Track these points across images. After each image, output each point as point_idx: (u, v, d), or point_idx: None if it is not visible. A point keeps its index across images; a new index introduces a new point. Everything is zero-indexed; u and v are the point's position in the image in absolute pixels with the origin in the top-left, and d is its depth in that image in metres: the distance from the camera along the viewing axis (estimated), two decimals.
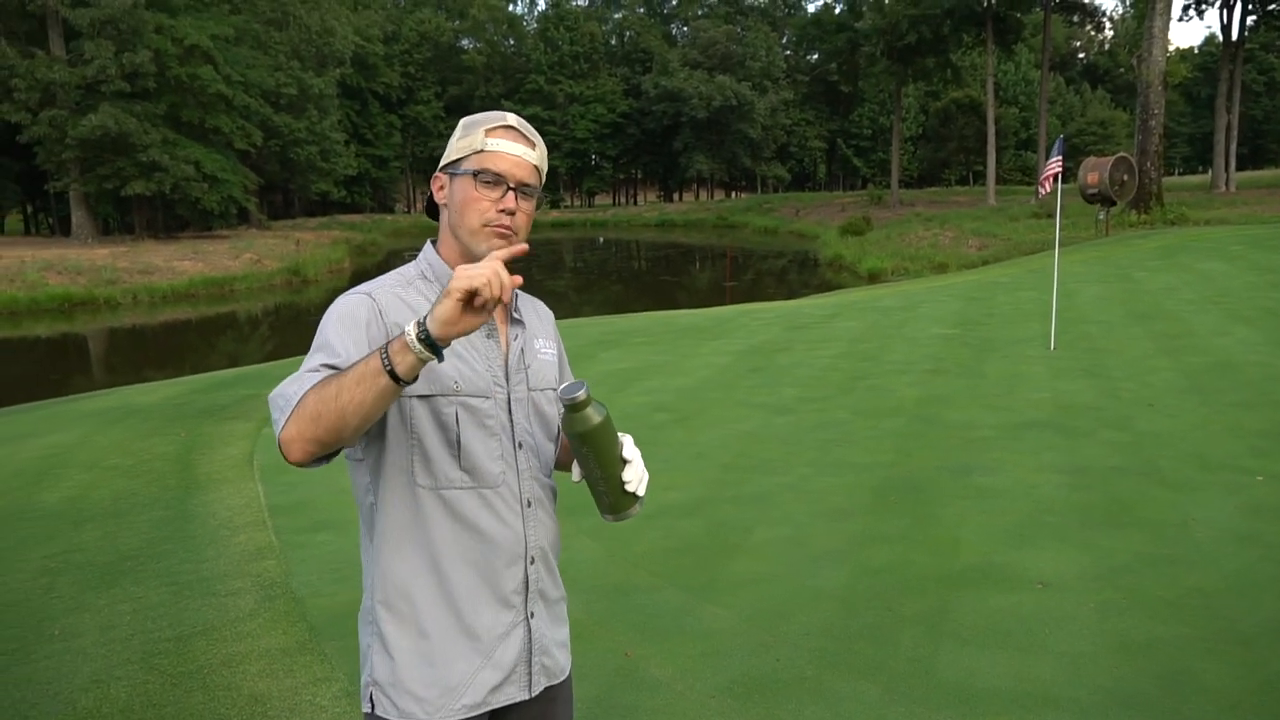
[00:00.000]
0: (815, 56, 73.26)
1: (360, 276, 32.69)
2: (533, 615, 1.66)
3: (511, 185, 1.57)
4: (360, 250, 43.80)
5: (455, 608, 1.57)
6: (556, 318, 1.91)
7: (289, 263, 32.06)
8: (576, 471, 1.63)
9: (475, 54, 79.08)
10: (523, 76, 77.91)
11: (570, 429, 1.54)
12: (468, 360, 1.58)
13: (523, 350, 1.68)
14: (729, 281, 26.47)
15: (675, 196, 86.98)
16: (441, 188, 1.64)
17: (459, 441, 1.55)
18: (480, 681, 1.58)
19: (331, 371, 1.41)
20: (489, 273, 1.32)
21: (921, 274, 23.88)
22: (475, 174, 1.56)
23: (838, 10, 56.18)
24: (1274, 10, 44.45)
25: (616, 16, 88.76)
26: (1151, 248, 19.22)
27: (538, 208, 1.67)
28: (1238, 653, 3.41)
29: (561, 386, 1.55)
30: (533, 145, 1.61)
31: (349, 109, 65.36)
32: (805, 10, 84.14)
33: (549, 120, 75.19)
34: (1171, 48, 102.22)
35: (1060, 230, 18.17)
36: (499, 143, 1.57)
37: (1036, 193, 9.34)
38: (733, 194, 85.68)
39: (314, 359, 1.47)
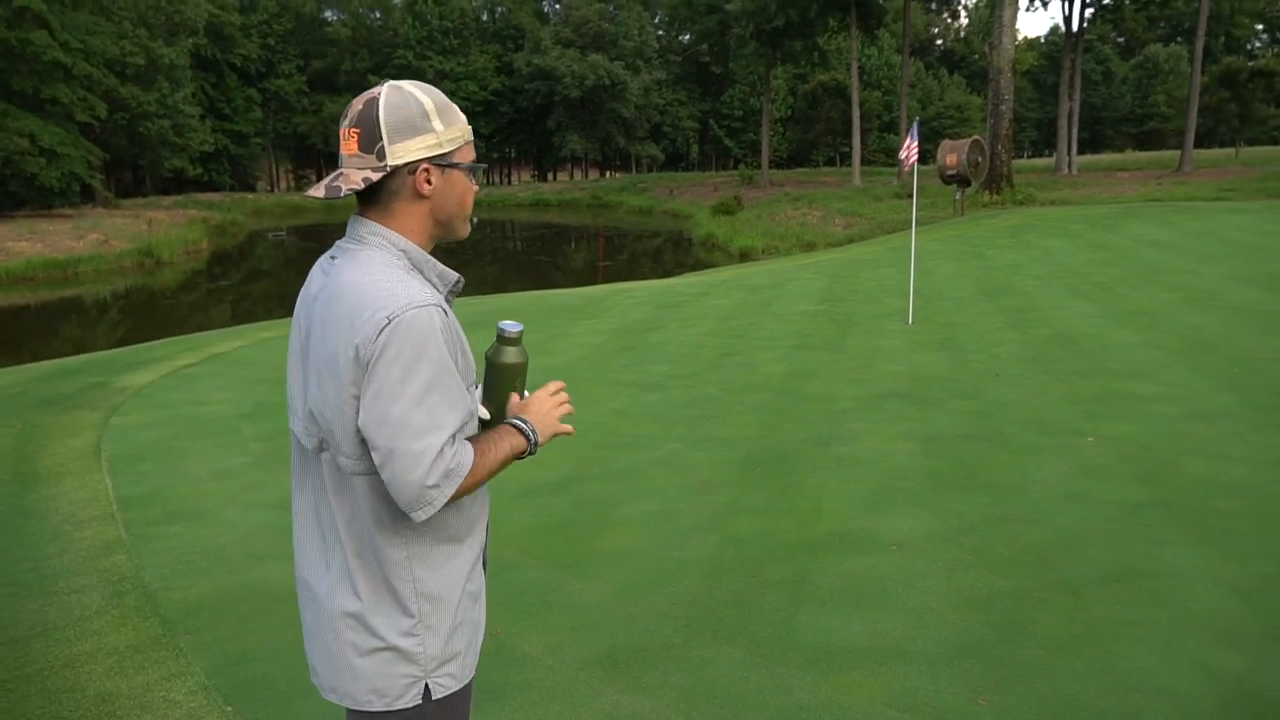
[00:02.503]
0: (687, 37, 73.89)
1: (221, 259, 31.35)
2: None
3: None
4: (219, 230, 41.76)
5: (468, 579, 1.68)
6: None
7: (140, 244, 30.28)
8: (480, 409, 1.70)
9: (340, 27, 76.29)
10: (390, 51, 75.60)
11: (499, 360, 1.67)
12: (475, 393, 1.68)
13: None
14: (603, 261, 26.54)
15: (550, 176, 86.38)
16: (429, 180, 1.59)
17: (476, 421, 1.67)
18: (481, 631, 1.74)
19: (459, 429, 1.55)
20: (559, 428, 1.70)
21: (791, 252, 24.52)
22: (469, 168, 1.62)
23: None
24: (1108, 4, 47.37)
25: None
26: (1002, 226, 20.30)
27: None
28: (1066, 601, 3.68)
29: (502, 322, 1.66)
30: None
31: (204, 82, 62.08)
32: None
33: None
34: (1020, 37, 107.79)
35: (918, 210, 18.85)
36: (470, 133, 1.63)
37: (899, 172, 9.67)
38: (607, 174, 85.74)
39: (435, 422, 1.50)
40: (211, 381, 8.45)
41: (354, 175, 1.55)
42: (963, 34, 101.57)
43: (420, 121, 1.56)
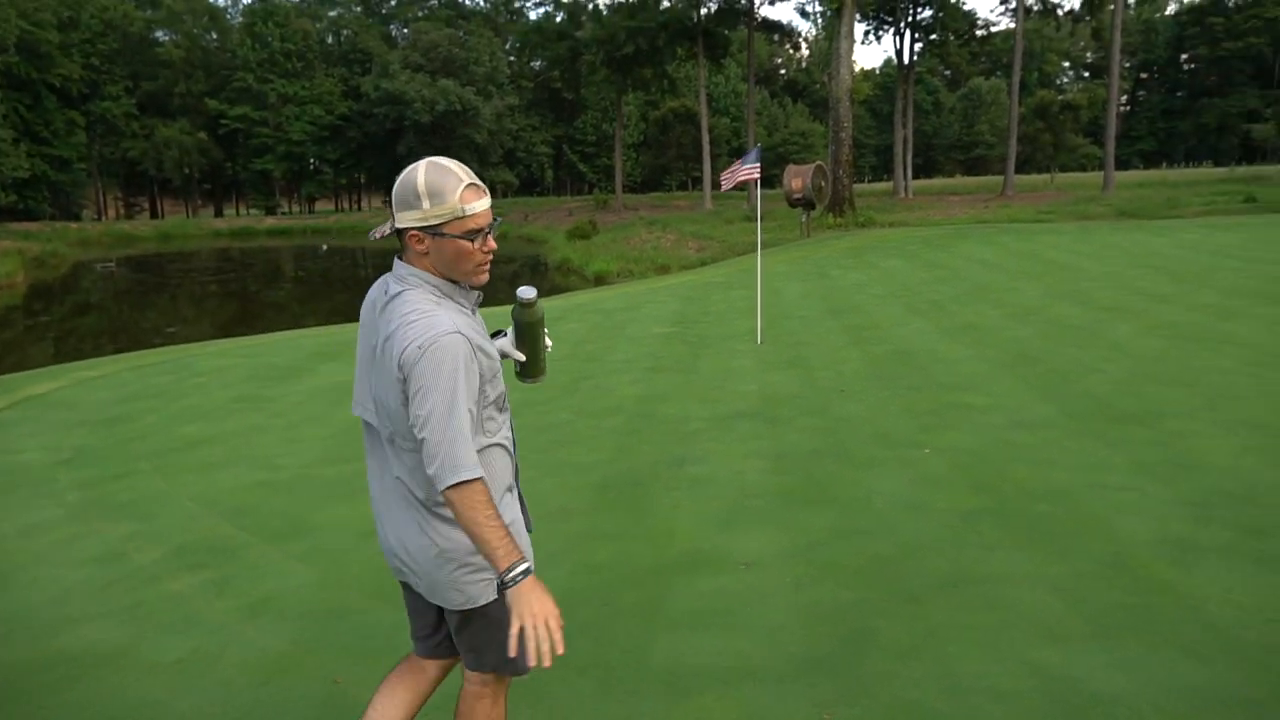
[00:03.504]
0: (539, 63, 74.17)
1: (40, 292, 29.02)
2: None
3: (487, 231, 2.06)
4: (39, 263, 38.84)
5: (509, 512, 2.21)
6: (274, 330, 2.28)
7: None
8: (517, 349, 2.33)
9: (172, 48, 72.66)
10: (229, 74, 72.55)
11: (525, 320, 2.27)
12: (484, 344, 2.09)
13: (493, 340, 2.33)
14: None
15: None
16: (421, 242, 2.05)
17: (499, 409, 2.17)
18: (527, 547, 2.26)
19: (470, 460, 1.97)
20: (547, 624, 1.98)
21: (646, 275, 24.81)
22: (460, 236, 2.02)
23: (559, 19, 57.21)
24: (935, 40, 50.52)
25: (332, 14, 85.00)
26: (845, 248, 21.17)
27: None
28: (909, 609, 3.80)
29: (520, 290, 2.19)
30: (486, 193, 2.08)
31: (17, 103, 57.80)
32: (527, 17, 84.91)
33: (260, 121, 70.66)
34: (858, 68, 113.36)
35: (766, 234, 19.34)
36: (473, 205, 2.02)
37: (719, 185, 9.92)
38: None
39: (453, 421, 1.95)
40: (23, 427, 7.78)
41: (385, 227, 2.10)
42: (804, 64, 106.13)
43: (412, 199, 2.01)
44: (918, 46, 51.26)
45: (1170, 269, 15.09)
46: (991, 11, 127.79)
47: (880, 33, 51.67)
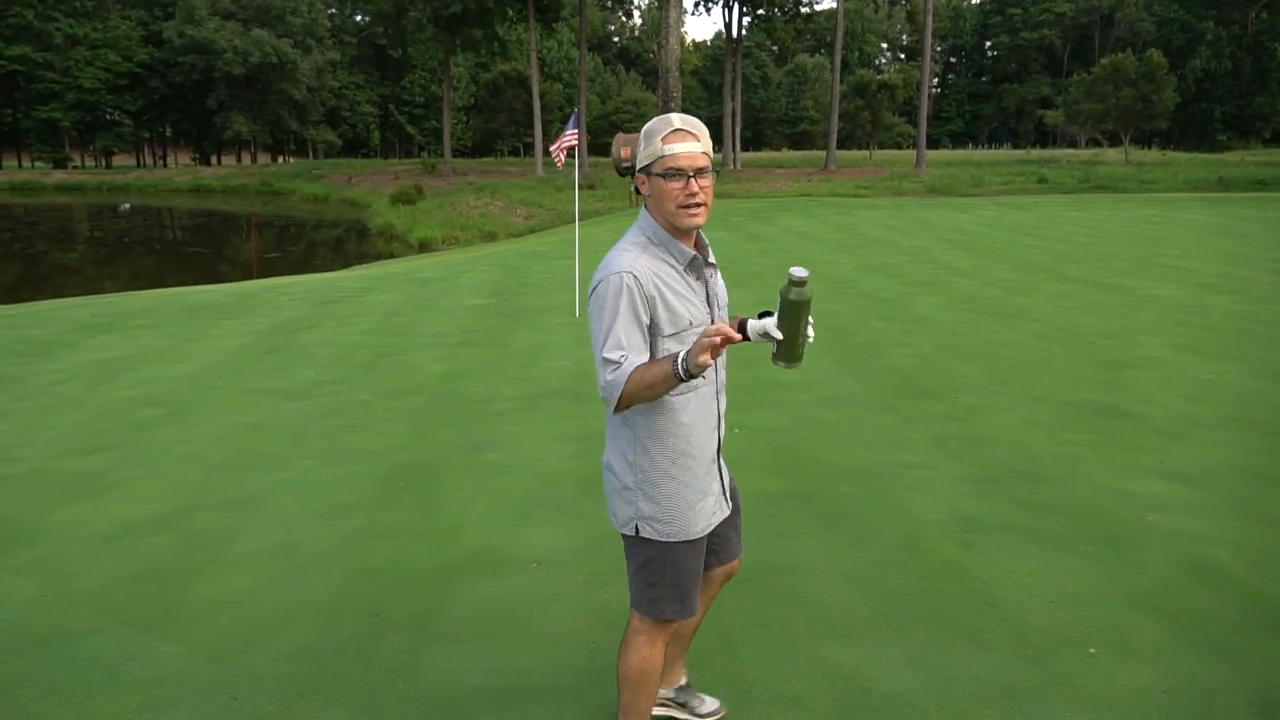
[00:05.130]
0: (362, 18, 70.66)
1: None
2: (722, 460, 2.44)
3: (690, 173, 2.14)
4: None
5: (692, 466, 2.31)
6: (70, 294, 1.99)
7: None
8: (756, 335, 2.23)
9: None
10: (4, 8, 65.12)
11: (791, 299, 2.12)
12: (693, 301, 2.25)
13: (713, 286, 2.35)
14: (256, 250, 24.46)
15: (214, 160, 79.03)
16: (644, 182, 2.22)
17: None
18: (707, 509, 2.37)
19: (623, 356, 2.12)
20: (715, 349, 1.97)
21: (472, 243, 24.05)
22: (661, 174, 2.15)
23: None
24: (762, 15, 51.46)
25: None
26: None
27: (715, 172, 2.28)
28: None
29: (793, 269, 2.09)
30: (698, 139, 2.17)
31: None
32: None
33: (44, 64, 64.04)
34: (689, 39, 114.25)
35: (592, 202, 18.98)
36: (673, 146, 2.14)
37: (544, 164, 9.53)
38: (280, 159, 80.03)
39: (611, 348, 2.13)
40: None
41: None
42: (637, 33, 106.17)
43: (641, 144, 2.22)
44: (746, 21, 52.08)
45: (971, 244, 15.88)
46: None
47: (710, 4, 52.16)
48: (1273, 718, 2.87)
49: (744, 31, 52.57)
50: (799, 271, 2.16)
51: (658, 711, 2.85)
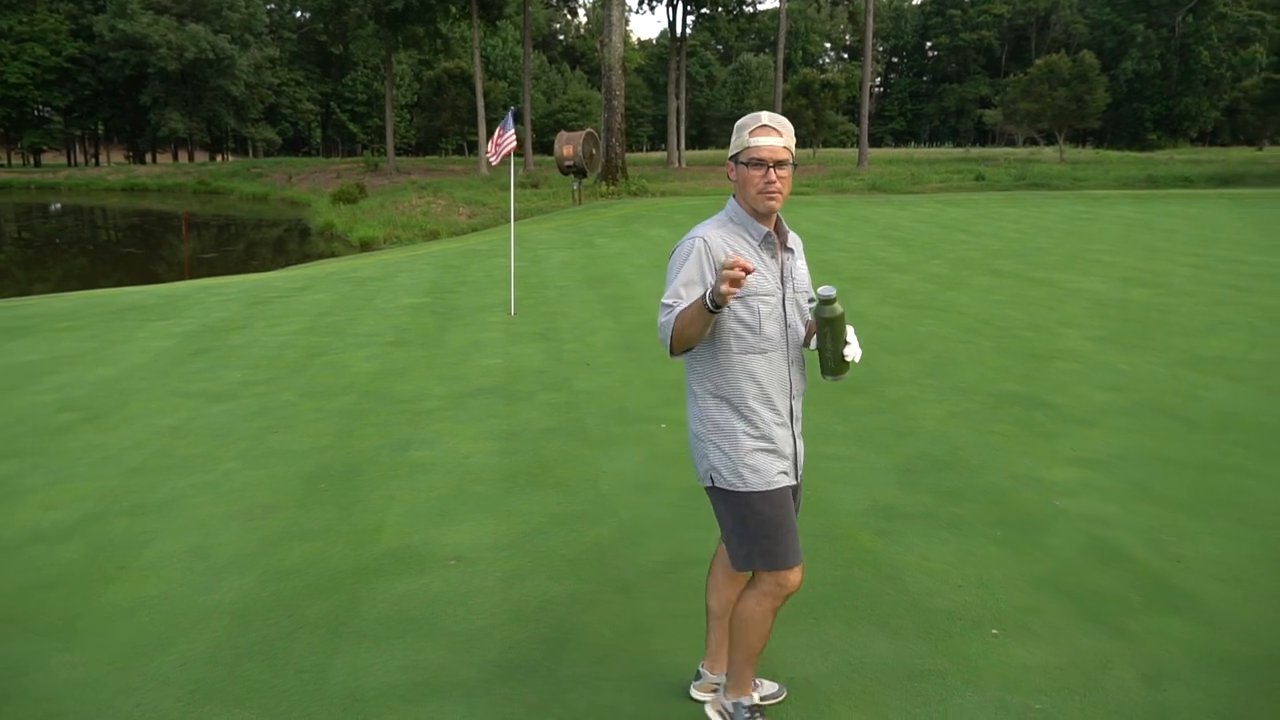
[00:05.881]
0: (302, 13, 69.48)
1: None
2: (796, 430, 2.58)
3: (770, 164, 2.38)
4: None
5: (757, 422, 2.48)
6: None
7: None
8: (812, 343, 2.54)
9: None
10: None
11: (819, 315, 2.41)
12: (764, 275, 2.46)
13: (790, 268, 2.54)
14: (186, 250, 23.90)
15: (149, 158, 77.05)
16: (732, 169, 2.47)
17: (760, 322, 2.45)
18: (774, 468, 2.50)
19: (676, 302, 2.36)
20: (735, 280, 2.12)
21: (414, 242, 23.80)
22: (745, 163, 2.41)
23: None
24: (706, 14, 51.72)
25: None
26: (614, 216, 21.19)
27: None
28: (618, 601, 3.62)
29: (820, 289, 2.36)
30: (780, 134, 2.39)
31: None
32: None
33: None
34: (634, 37, 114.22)
35: (536, 200, 18.82)
36: (758, 140, 2.38)
37: (488, 162, 9.51)
38: (219, 158, 78.36)
39: (669, 296, 2.39)
40: None
41: None
42: (582, 31, 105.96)
43: (733, 136, 2.48)
44: (690, 20, 52.31)
45: (908, 241, 16.14)
46: None
47: (654, 3, 52.25)
48: (1157, 686, 2.98)
49: (688, 30, 52.78)
50: (827, 291, 2.37)
51: (702, 697, 2.92)
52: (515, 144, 9.86)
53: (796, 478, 2.58)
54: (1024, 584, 3.71)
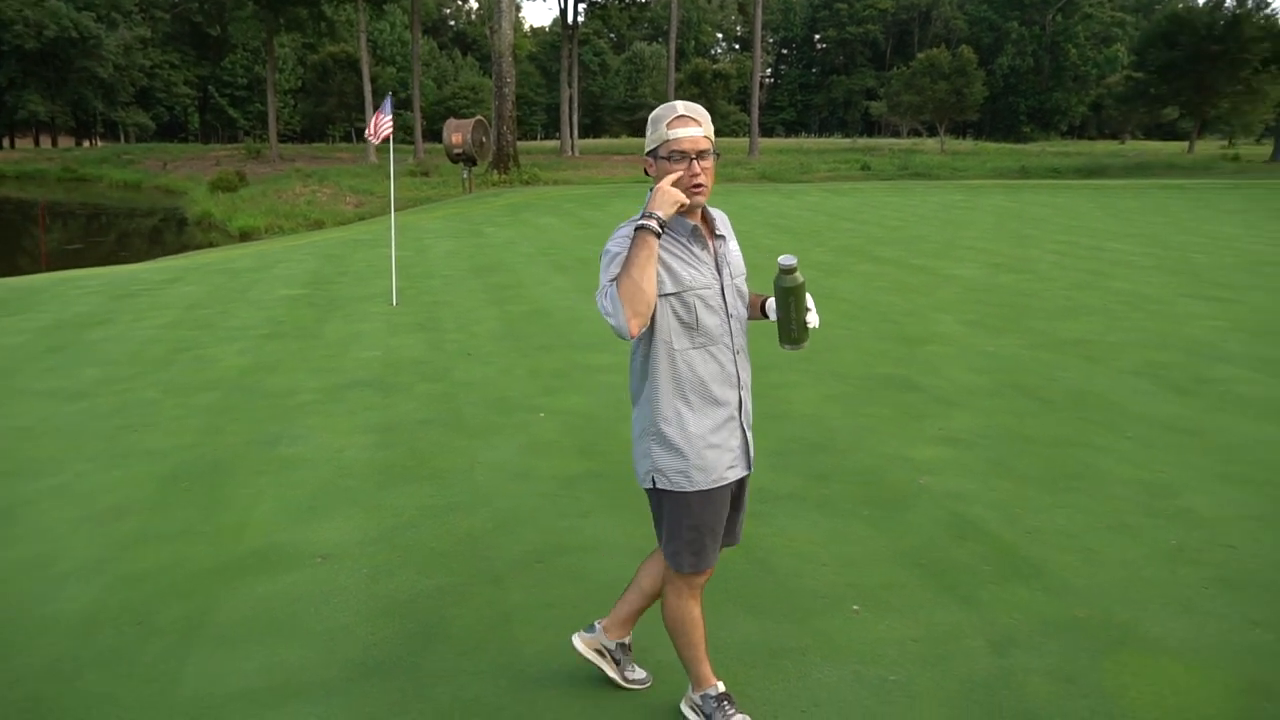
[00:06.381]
0: None
1: None
2: (745, 421, 2.54)
3: (692, 156, 2.33)
4: None
5: (702, 419, 2.44)
6: None
7: None
8: (774, 313, 2.54)
9: None
10: None
11: (780, 285, 2.44)
12: (696, 267, 2.42)
13: (724, 255, 2.50)
14: (41, 239, 22.55)
15: (7, 142, 72.25)
16: (651, 166, 2.42)
17: (697, 318, 2.41)
18: (721, 463, 2.47)
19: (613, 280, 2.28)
20: (668, 194, 2.28)
21: (297, 231, 23.03)
22: (666, 157, 2.34)
23: None
24: (597, 2, 51.56)
25: None
26: (503, 205, 20.96)
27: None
28: (487, 593, 3.57)
29: (781, 257, 2.42)
30: (699, 123, 2.35)
31: None
32: None
33: None
34: (526, 25, 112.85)
35: (424, 189, 18.39)
36: (677, 131, 2.32)
37: (376, 150, 9.27)
38: (86, 143, 74.13)
39: (605, 279, 2.30)
40: None
41: None
42: (473, 17, 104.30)
43: (649, 129, 2.39)
44: (582, 7, 52.03)
45: (794, 229, 16.47)
46: None
47: None
48: (1003, 653, 3.12)
49: (580, 18, 52.51)
50: (786, 259, 2.35)
51: (591, 656, 2.90)
52: (391, 127, 9.63)
53: (748, 468, 2.57)
54: (887, 560, 3.82)
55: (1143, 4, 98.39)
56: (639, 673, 2.97)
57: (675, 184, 2.33)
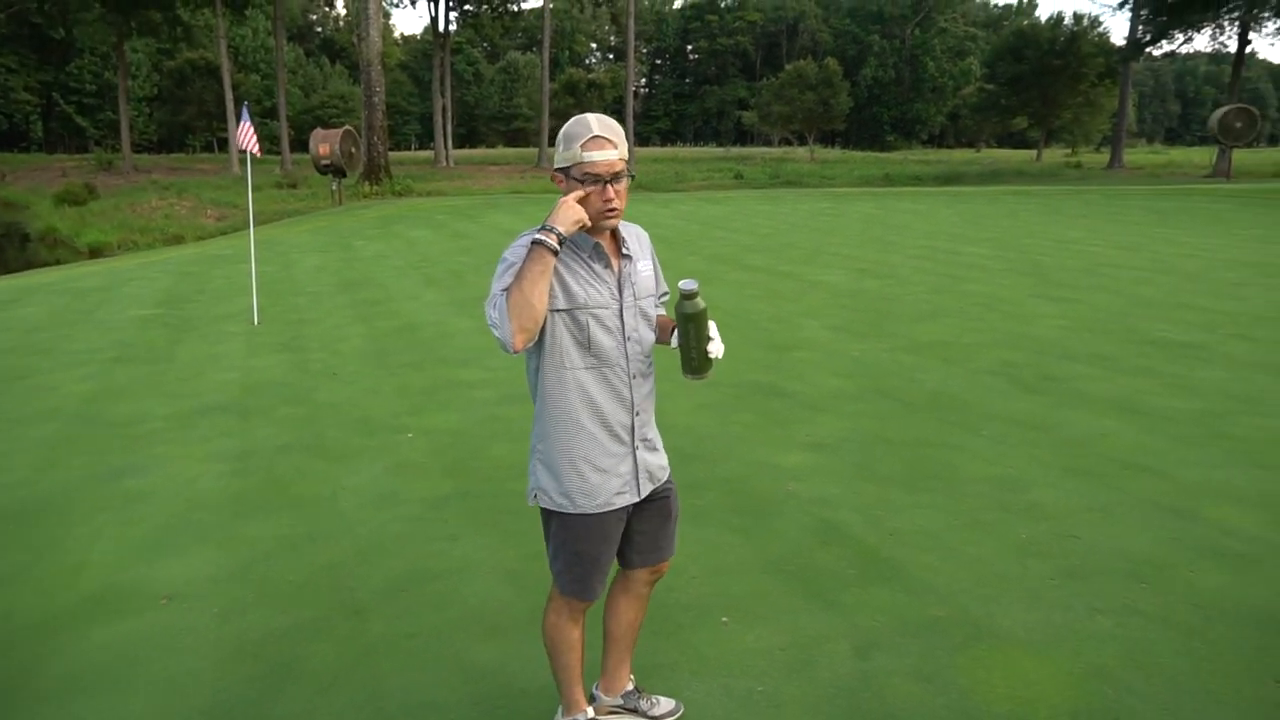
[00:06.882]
0: None
1: None
2: (637, 448, 2.46)
3: (607, 179, 2.26)
4: None
5: (587, 443, 2.38)
6: None
7: None
8: (675, 340, 2.41)
9: None
10: None
11: (680, 311, 2.31)
12: (594, 285, 2.34)
13: (629, 274, 2.41)
14: None
15: None
16: (560, 181, 2.30)
17: (590, 337, 2.33)
18: (607, 488, 2.41)
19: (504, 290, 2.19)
20: (571, 209, 2.21)
21: (154, 247, 21.87)
22: (579, 179, 2.26)
23: None
24: (469, 10, 51.04)
25: None
26: (374, 217, 20.43)
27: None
28: (347, 627, 3.43)
29: (681, 281, 2.27)
30: (615, 145, 2.26)
31: None
32: None
33: None
34: (397, 32, 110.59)
35: (290, 201, 17.65)
36: (592, 154, 2.24)
37: (240, 161, 8.86)
38: None
39: (496, 289, 2.21)
40: None
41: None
42: (341, 24, 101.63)
43: (560, 144, 2.30)
44: (454, 15, 51.40)
45: (667, 238, 16.63)
46: None
47: None
48: (866, 656, 3.18)
49: (452, 26, 51.84)
50: (688, 284, 2.25)
51: None
52: (254, 136, 9.24)
53: (639, 494, 2.46)
54: (755, 569, 3.86)
55: (992, 19, 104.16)
56: (664, 705, 2.87)
57: (588, 207, 2.26)
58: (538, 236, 2.17)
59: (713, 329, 2.37)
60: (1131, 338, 8.19)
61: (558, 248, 2.18)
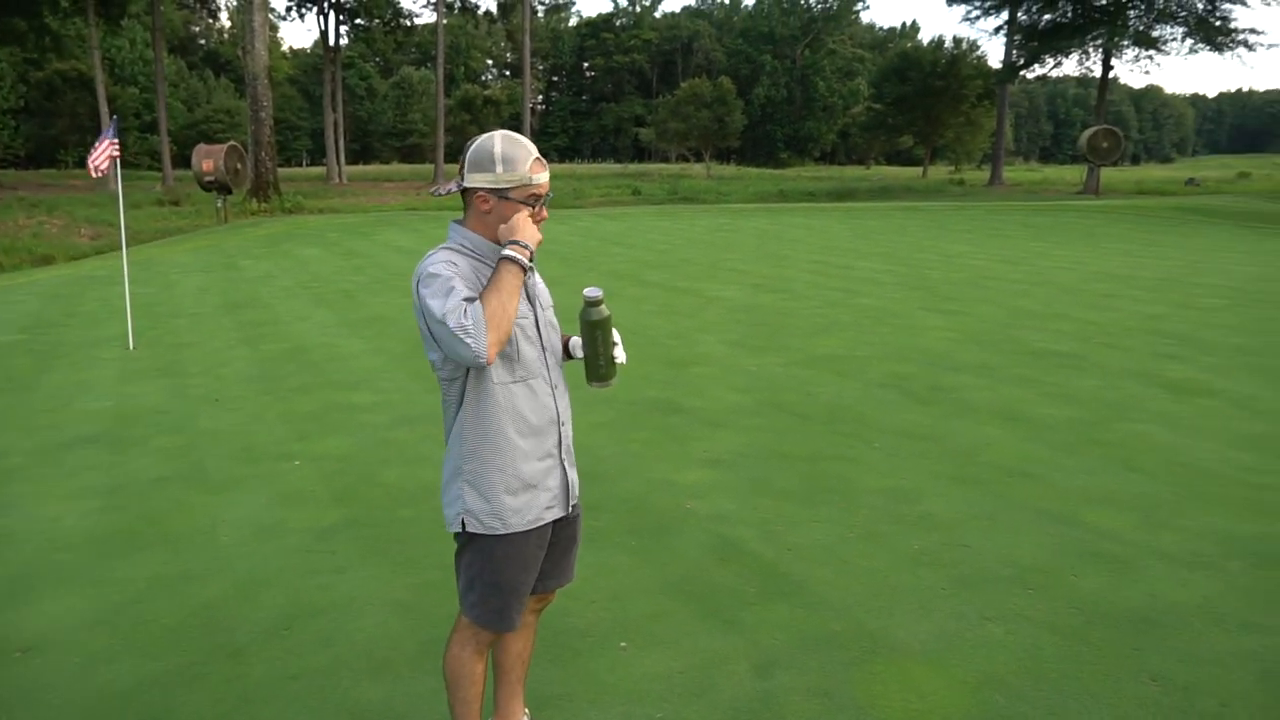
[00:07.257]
0: None
1: None
2: (565, 459, 2.44)
3: (542, 200, 2.31)
4: None
5: (519, 459, 2.32)
6: None
7: None
8: (580, 350, 2.44)
9: None
10: None
11: (586, 319, 2.34)
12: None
13: (532, 285, 2.40)
14: None
15: None
16: (486, 202, 2.26)
17: (517, 348, 2.29)
18: (537, 504, 2.36)
19: (468, 299, 2.14)
20: (523, 221, 2.24)
21: (20, 268, 20.58)
22: (523, 200, 2.26)
23: None
24: (361, 24, 50.12)
25: None
26: (261, 235, 19.76)
27: None
28: (224, 670, 3.23)
29: (586, 289, 2.35)
30: (547, 166, 2.30)
31: None
32: None
33: None
34: (285, 45, 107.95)
35: (169, 219, 16.95)
36: (540, 176, 2.27)
37: (93, 174, 8.42)
38: None
39: (455, 299, 2.12)
40: None
41: (450, 185, 2.32)
42: (225, 36, 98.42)
43: (487, 164, 2.23)
44: (345, 30, 50.38)
45: (564, 255, 16.57)
46: (415, 3, 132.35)
47: (303, 10, 49.79)
48: (766, 675, 3.17)
49: (343, 41, 50.79)
50: (592, 292, 2.30)
51: None
52: (118, 150, 8.76)
53: (567, 509, 2.44)
54: (654, 591, 3.81)
55: (878, 41, 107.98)
56: None
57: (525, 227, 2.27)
58: (509, 254, 2.17)
59: (615, 335, 2.41)
60: (1013, 348, 8.51)
61: (530, 265, 2.21)
